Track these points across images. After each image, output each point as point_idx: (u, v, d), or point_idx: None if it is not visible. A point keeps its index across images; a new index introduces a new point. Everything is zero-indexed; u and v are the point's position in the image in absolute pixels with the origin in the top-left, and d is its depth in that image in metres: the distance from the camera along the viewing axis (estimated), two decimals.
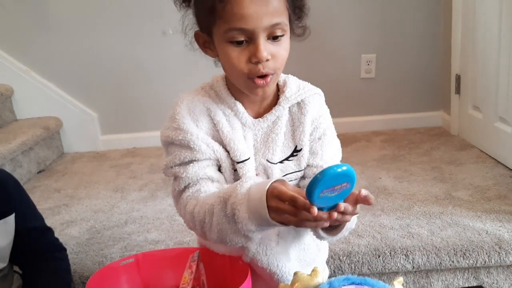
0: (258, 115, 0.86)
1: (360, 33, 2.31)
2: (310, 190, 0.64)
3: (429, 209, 1.49)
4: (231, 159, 0.83)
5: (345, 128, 2.38)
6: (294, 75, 0.91)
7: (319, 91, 0.91)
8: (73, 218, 1.61)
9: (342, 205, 0.67)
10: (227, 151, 0.82)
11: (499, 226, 1.35)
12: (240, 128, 0.84)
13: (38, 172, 2.08)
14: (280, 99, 0.86)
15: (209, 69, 0.88)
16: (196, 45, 0.83)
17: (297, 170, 0.87)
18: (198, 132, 0.81)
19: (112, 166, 2.13)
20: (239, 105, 0.84)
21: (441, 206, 1.50)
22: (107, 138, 2.39)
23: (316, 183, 0.63)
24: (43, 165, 2.14)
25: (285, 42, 0.78)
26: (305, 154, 0.87)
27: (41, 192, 1.85)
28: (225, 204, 0.73)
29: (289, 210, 0.67)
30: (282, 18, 0.76)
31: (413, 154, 2.01)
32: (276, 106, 0.86)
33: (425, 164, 1.88)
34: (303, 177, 0.89)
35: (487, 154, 1.92)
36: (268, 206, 0.68)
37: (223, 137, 0.82)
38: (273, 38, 0.76)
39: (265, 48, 0.74)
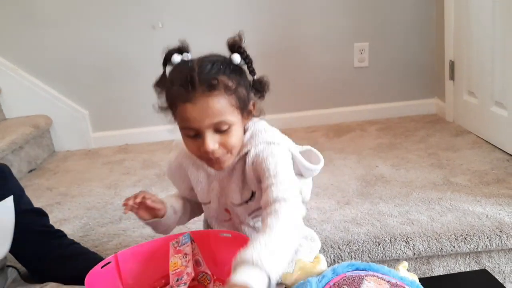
0: None
1: (352, 21, 2.29)
2: None
3: (428, 195, 1.47)
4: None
5: (339, 118, 2.37)
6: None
7: (268, 140, 0.91)
8: (66, 216, 1.57)
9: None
10: None
11: (499, 210, 1.33)
12: (206, 178, 0.99)
13: (29, 171, 2.04)
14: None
15: None
16: None
17: (259, 207, 0.90)
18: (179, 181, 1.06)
19: (104, 163, 2.10)
20: (203, 163, 0.96)
21: (440, 192, 1.48)
22: (99, 135, 2.36)
23: None
24: (34, 164, 2.10)
25: (234, 130, 0.87)
26: (259, 196, 0.92)
27: (32, 191, 1.81)
28: None
29: None
30: (226, 116, 0.85)
31: (409, 142, 2.00)
32: None
33: (422, 151, 1.87)
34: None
35: (483, 139, 1.90)
36: None
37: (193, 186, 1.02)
38: (220, 131, 0.85)
39: (212, 139, 0.85)
